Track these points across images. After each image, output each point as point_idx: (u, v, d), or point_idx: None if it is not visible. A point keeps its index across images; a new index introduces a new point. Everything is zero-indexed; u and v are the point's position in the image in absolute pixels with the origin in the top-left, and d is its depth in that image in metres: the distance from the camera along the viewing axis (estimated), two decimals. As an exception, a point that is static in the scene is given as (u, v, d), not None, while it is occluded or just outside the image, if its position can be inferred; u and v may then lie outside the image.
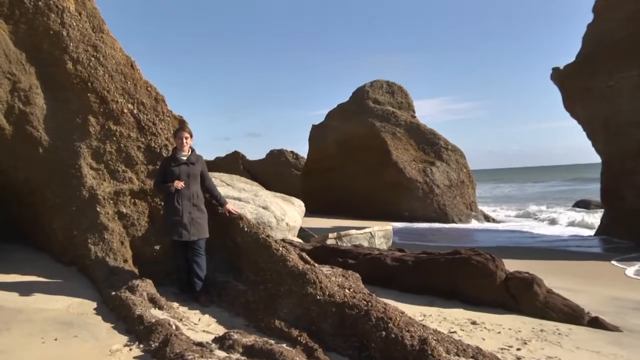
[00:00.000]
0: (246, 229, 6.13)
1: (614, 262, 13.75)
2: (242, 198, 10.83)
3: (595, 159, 22.29)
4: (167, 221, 6.03)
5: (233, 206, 6.64)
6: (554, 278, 9.28)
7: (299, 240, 11.92)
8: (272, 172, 38.99)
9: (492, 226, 26.09)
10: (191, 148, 6.22)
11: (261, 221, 10.26)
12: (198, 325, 5.19)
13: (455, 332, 5.55)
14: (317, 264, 5.92)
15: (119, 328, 4.95)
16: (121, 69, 7.10)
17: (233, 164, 40.48)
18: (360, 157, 29.95)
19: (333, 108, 33.85)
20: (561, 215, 28.10)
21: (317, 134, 33.67)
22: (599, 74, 19.06)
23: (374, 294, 5.41)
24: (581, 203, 35.03)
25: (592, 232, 21.13)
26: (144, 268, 6.41)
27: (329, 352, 4.58)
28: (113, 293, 5.53)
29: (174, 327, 4.71)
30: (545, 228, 24.03)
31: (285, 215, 11.52)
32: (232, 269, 6.31)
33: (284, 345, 4.62)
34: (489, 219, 28.53)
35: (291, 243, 8.71)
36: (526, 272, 7.04)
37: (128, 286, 5.62)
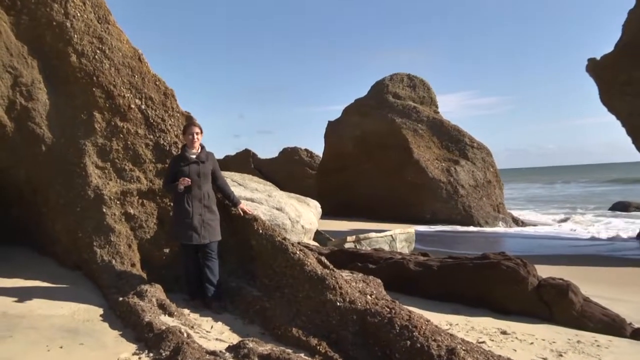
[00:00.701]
0: (261, 231, 6.15)
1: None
2: (255, 199, 10.87)
3: (635, 157, 22.02)
4: (177, 224, 6.05)
5: (247, 207, 6.67)
6: (591, 285, 9.20)
7: (315, 243, 11.95)
8: (285, 172, 39.05)
9: (522, 230, 25.89)
10: (201, 145, 6.24)
11: (275, 223, 10.30)
12: (210, 333, 5.22)
13: (484, 342, 5.53)
14: (336, 269, 5.93)
15: (127, 336, 4.99)
16: (128, 62, 7.16)
17: (244, 163, 40.64)
18: (379, 156, 29.89)
19: (350, 103, 33.82)
20: (598, 218, 27.80)
21: (333, 131, 33.65)
22: (641, 65, 18.79)
23: (397, 301, 5.42)
24: (619, 205, 34.61)
25: (632, 236, 20.90)
26: (153, 272, 6.47)
27: (350, 362, 4.60)
28: (120, 299, 5.56)
29: (186, 335, 4.74)
30: (580, 231, 23.79)
31: (300, 217, 11.55)
32: (246, 274, 6.33)
33: (302, 354, 4.63)
34: (518, 222, 28.31)
35: (307, 247, 8.73)
36: (560, 279, 6.99)
37: (136, 291, 5.66)
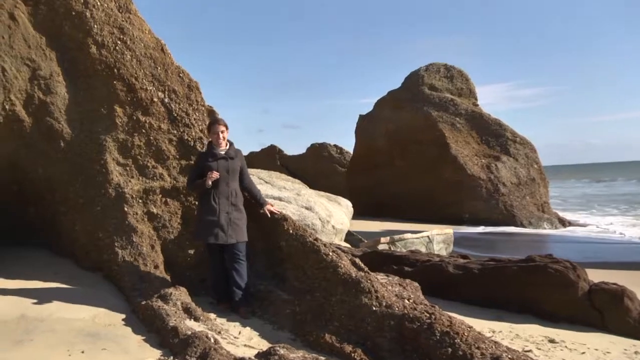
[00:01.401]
0: (291, 232, 6.17)
1: None
2: (283, 197, 10.91)
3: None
4: (202, 222, 6.10)
5: (275, 206, 6.69)
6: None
7: (347, 245, 11.95)
8: (314, 169, 39.06)
9: (569, 231, 25.53)
10: (229, 141, 6.29)
11: (304, 224, 10.32)
12: (238, 338, 5.26)
13: (530, 351, 5.49)
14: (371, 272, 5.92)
15: (151, 341, 5.05)
16: (150, 53, 7.22)
17: (269, 160, 40.75)
18: (414, 152, 29.71)
19: (383, 96, 33.65)
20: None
21: (365, 126, 33.55)
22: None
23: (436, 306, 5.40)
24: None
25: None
26: (177, 275, 6.54)
27: (387, 371, 4.60)
28: (143, 302, 5.63)
29: (213, 341, 4.77)
30: (635, 232, 23.38)
31: (331, 216, 11.56)
32: (275, 277, 6.36)
33: (336, 362, 4.65)
34: (565, 223, 27.91)
35: (339, 248, 8.74)
36: (614, 284, 6.89)
37: (160, 295, 5.72)
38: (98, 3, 7.13)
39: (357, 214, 18.67)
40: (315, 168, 39.29)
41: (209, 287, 6.46)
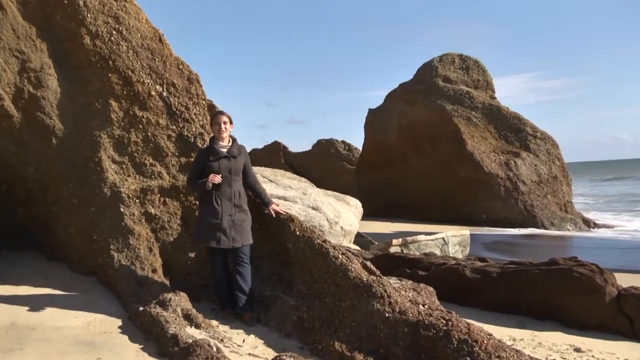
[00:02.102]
0: (298, 233, 6.18)
1: None
2: (288, 197, 10.93)
3: None
4: (203, 225, 6.09)
5: (280, 206, 6.68)
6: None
7: (356, 247, 11.96)
8: (320, 167, 39.04)
9: (595, 233, 25.44)
10: (232, 138, 6.28)
11: (311, 225, 10.33)
12: (242, 347, 5.28)
13: (554, 360, 5.49)
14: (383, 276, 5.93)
15: (150, 350, 5.07)
16: (148, 44, 7.23)
17: (273, 157, 40.76)
18: (427, 148, 29.69)
19: (394, 88, 33.61)
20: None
21: (375, 121, 33.53)
22: None
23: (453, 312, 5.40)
24: None
25: None
26: (177, 279, 6.57)
27: (401, 381, 4.60)
28: (141, 308, 5.65)
29: (215, 349, 4.78)
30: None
31: (339, 217, 11.57)
32: (282, 281, 6.38)
33: (347, 372, 4.66)
34: (590, 224, 27.81)
35: (349, 250, 8.76)
36: (644, 288, 6.88)
37: (158, 300, 5.73)
38: (91, -10, 7.13)
39: (367, 215, 18.65)
40: (321, 166, 39.27)
41: (211, 292, 6.48)
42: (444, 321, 4.89)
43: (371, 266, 5.90)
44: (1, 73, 6.71)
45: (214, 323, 5.79)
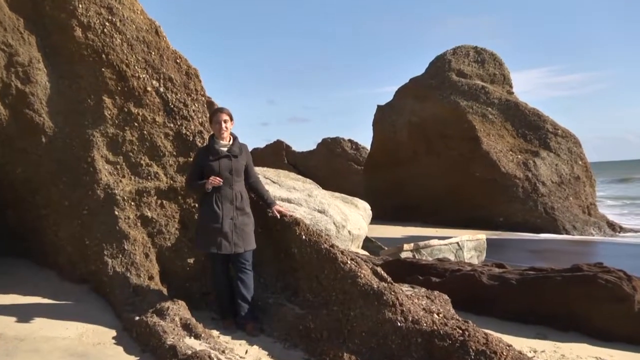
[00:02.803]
0: (304, 237, 6.18)
1: None
2: (293, 199, 10.93)
3: None
4: (203, 229, 6.09)
5: (284, 208, 6.68)
6: None
7: (365, 252, 11.95)
8: (326, 167, 39.06)
9: (622, 237, 25.34)
10: (233, 136, 6.28)
11: (317, 229, 10.35)
12: (245, 359, 5.28)
13: (579, 373, 5.50)
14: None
15: (146, 362, 5.09)
16: (143, 37, 7.25)
17: (275, 157, 40.80)
18: (440, 147, 29.66)
19: (404, 84, 33.60)
20: None
21: (384, 118, 33.52)
22: None
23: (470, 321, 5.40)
24: None
25: None
26: (175, 287, 6.58)
27: (414, 395, 4.61)
28: (137, 318, 5.66)
29: (216, 361, 4.81)
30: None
31: (346, 220, 11.57)
32: (287, 288, 6.39)
33: (356, 385, 4.67)
34: (615, 228, 27.71)
35: (357, 256, 8.77)
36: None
37: (155, 309, 5.75)
38: (83, -21, 7.14)
39: (376, 218, 18.64)
40: (327, 166, 39.28)
41: (212, 301, 6.49)
42: (460, 331, 4.89)
43: (382, 272, 5.91)
44: (-14, 68, 6.73)
45: (215, 333, 5.79)
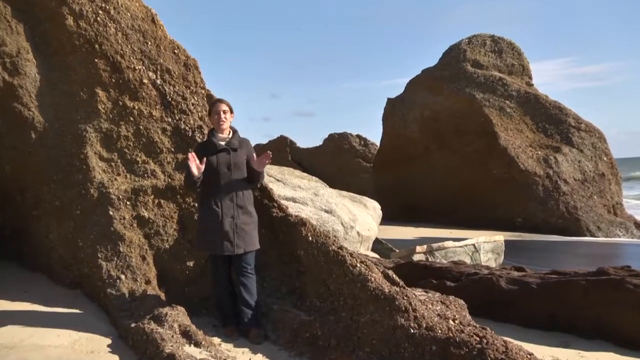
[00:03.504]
0: (310, 238, 6.19)
1: None
2: (298, 198, 10.93)
3: None
4: (203, 229, 6.10)
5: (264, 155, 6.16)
6: None
7: (375, 255, 11.95)
8: (333, 164, 39.10)
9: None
10: (233, 129, 6.27)
11: (324, 229, 10.35)
12: (248, 367, 5.31)
13: (605, 384, 5.49)
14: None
15: (143, 371, 5.11)
16: (139, 26, 7.25)
17: (278, 154, 40.78)
18: (454, 143, 29.63)
19: (416, 75, 33.60)
20: None
21: (395, 112, 33.51)
22: None
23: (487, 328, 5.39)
24: None
25: None
26: (174, 291, 6.58)
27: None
28: (133, 325, 5.67)
29: (218, 370, 4.82)
30: None
31: (355, 221, 11.57)
32: (292, 293, 6.40)
33: (367, 395, 4.67)
34: (645, 229, 27.67)
35: (366, 259, 8.77)
36: None
37: (153, 315, 5.75)
38: (74, -36, 7.14)
39: (386, 218, 18.66)
40: (334, 163, 39.31)
41: (212, 306, 6.50)
42: (478, 338, 4.89)
43: (394, 276, 5.91)
44: (-29, 59, 6.75)
45: (216, 341, 5.80)
